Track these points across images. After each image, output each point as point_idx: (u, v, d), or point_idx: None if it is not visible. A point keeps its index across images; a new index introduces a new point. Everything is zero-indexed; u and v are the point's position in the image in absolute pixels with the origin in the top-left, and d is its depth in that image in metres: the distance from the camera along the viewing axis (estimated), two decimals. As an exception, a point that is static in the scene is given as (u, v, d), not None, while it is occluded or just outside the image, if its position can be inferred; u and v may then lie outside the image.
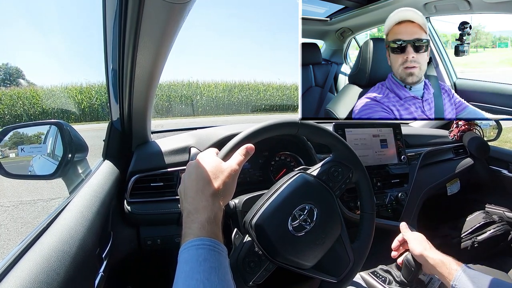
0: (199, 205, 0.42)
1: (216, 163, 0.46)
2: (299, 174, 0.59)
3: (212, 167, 0.45)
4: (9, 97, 10.75)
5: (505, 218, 1.35)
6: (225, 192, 0.45)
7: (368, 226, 0.61)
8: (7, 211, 2.70)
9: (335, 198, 0.59)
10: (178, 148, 0.87)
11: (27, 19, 16.96)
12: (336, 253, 0.58)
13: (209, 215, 0.40)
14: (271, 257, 0.52)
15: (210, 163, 0.45)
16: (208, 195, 0.42)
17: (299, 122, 0.56)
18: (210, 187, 0.43)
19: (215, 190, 0.43)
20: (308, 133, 0.58)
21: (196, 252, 0.37)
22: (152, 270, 1.02)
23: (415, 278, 0.71)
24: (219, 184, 0.44)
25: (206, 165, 0.45)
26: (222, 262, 0.38)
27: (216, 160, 0.46)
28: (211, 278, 0.35)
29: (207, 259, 0.36)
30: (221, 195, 0.44)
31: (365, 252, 0.60)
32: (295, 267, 0.54)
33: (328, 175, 0.61)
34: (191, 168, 0.46)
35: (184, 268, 0.36)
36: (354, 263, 0.58)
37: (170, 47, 0.58)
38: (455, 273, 0.56)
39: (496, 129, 1.50)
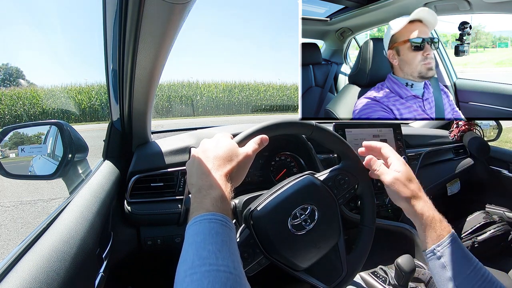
0: (213, 182, 0.41)
1: (233, 146, 0.46)
2: (306, 176, 0.59)
3: (229, 149, 0.45)
4: (9, 97, 10.75)
5: (505, 218, 1.35)
6: (238, 175, 0.45)
7: (367, 240, 0.61)
8: (7, 211, 2.70)
9: (338, 205, 0.59)
10: (178, 148, 0.87)
11: (28, 19, 16.98)
12: (330, 261, 0.58)
13: (222, 193, 0.40)
14: (266, 252, 0.52)
15: (227, 145, 0.46)
16: (222, 174, 0.43)
17: (315, 125, 0.56)
18: (225, 167, 0.44)
19: (229, 170, 0.43)
20: (321, 137, 0.58)
21: (208, 225, 0.37)
22: (152, 270, 1.02)
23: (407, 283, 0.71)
24: (234, 166, 0.44)
25: (223, 145, 0.46)
26: (232, 238, 0.38)
27: (233, 143, 0.47)
28: (223, 251, 0.35)
29: (219, 233, 0.36)
30: (233, 177, 0.44)
31: (359, 265, 0.60)
32: (288, 266, 0.54)
33: (334, 182, 0.61)
34: (207, 145, 0.47)
35: (195, 239, 0.35)
36: (346, 274, 0.58)
37: (170, 48, 0.58)
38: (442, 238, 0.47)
39: (496, 129, 1.50)
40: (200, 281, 0.31)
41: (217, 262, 0.33)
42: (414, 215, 0.51)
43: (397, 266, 0.70)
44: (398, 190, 0.51)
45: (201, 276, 0.31)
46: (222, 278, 0.32)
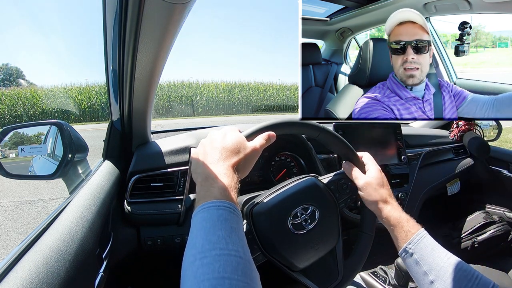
0: (220, 172, 0.42)
1: (241, 139, 0.47)
2: (310, 177, 0.60)
3: (237, 141, 0.46)
4: (9, 97, 10.75)
5: (505, 218, 1.35)
6: (244, 167, 0.46)
7: (365, 247, 0.61)
8: (7, 211, 2.70)
9: (338, 209, 0.59)
10: (178, 148, 0.87)
11: (28, 19, 16.97)
12: (327, 264, 0.58)
13: (229, 182, 0.41)
14: (263, 248, 0.52)
15: (235, 137, 0.46)
16: (229, 165, 0.43)
17: (321, 127, 0.56)
18: (233, 158, 0.44)
19: (236, 162, 0.44)
20: (327, 140, 0.58)
21: (217, 212, 0.37)
22: (152, 270, 1.02)
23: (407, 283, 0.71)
24: (241, 158, 0.45)
25: (232, 137, 0.46)
26: (240, 225, 0.38)
27: (241, 137, 0.47)
28: (232, 236, 0.35)
29: (228, 219, 0.36)
30: (240, 169, 0.45)
31: (356, 271, 0.60)
32: (284, 265, 0.54)
33: (337, 186, 0.61)
34: (215, 136, 0.47)
35: (204, 225, 0.35)
36: (342, 278, 0.58)
37: (170, 48, 0.58)
38: (412, 236, 0.50)
39: (496, 129, 1.50)
40: (211, 265, 0.31)
41: (227, 246, 0.33)
42: (381, 218, 0.55)
43: (397, 266, 0.70)
44: (369, 194, 0.56)
45: (212, 260, 0.31)
46: (233, 262, 0.32)
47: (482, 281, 0.44)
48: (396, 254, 0.73)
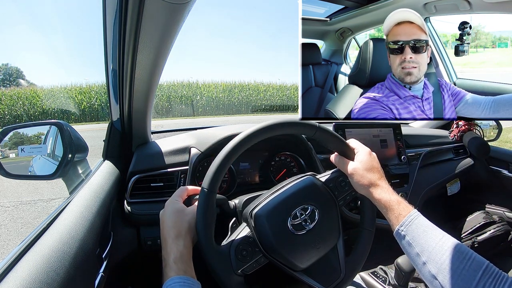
0: (166, 249, 0.50)
1: (178, 209, 0.54)
2: (308, 177, 0.60)
3: (174, 213, 0.53)
4: (9, 97, 10.76)
5: (505, 218, 1.35)
6: (191, 229, 0.52)
7: (366, 242, 0.61)
8: (7, 211, 2.70)
9: (338, 207, 0.59)
10: (178, 148, 0.87)
11: (28, 20, 16.98)
12: (329, 262, 0.58)
13: (175, 255, 0.48)
14: (265, 250, 0.52)
15: (173, 211, 0.53)
16: (173, 238, 0.50)
17: (318, 126, 0.57)
18: (174, 231, 0.51)
19: (178, 232, 0.51)
20: (324, 138, 0.59)
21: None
22: (152, 270, 1.02)
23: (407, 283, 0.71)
24: (183, 225, 0.51)
25: (169, 212, 0.53)
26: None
27: (178, 207, 0.54)
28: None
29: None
30: (186, 234, 0.51)
31: (358, 267, 0.60)
32: (287, 266, 0.54)
33: (335, 184, 0.61)
34: (161, 217, 0.55)
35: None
36: (345, 276, 0.58)
37: (170, 47, 0.58)
38: (403, 218, 0.50)
39: (496, 129, 1.50)
40: None
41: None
42: (374, 201, 0.55)
43: (397, 266, 0.70)
44: (357, 180, 0.56)
45: None
46: None
47: (475, 261, 0.44)
48: (396, 254, 0.73)
